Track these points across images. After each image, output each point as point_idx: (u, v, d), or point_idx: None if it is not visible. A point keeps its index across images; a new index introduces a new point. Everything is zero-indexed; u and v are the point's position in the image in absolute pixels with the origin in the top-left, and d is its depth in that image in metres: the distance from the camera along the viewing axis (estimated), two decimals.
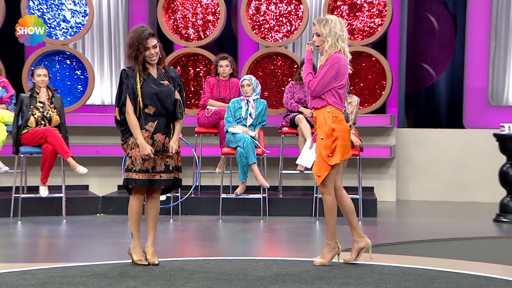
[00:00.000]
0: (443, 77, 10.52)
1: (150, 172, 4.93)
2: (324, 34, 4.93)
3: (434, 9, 10.44)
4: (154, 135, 4.93)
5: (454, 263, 5.23)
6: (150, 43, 4.87)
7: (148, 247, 5.02)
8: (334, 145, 4.90)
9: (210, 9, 9.08)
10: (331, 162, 4.91)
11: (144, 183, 4.93)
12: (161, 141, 4.95)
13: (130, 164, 4.92)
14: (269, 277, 4.63)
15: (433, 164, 9.10)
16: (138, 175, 4.91)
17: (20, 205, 7.38)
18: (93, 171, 8.51)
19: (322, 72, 4.91)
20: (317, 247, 6.18)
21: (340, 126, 4.92)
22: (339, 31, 4.92)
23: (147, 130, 4.92)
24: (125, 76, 4.89)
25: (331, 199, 4.97)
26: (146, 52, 4.87)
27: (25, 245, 6.37)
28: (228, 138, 7.65)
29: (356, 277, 4.62)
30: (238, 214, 7.70)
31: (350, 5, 8.93)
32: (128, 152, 4.94)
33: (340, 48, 4.92)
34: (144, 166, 4.90)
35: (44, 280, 4.51)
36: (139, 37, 4.85)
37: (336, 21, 4.95)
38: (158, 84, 4.93)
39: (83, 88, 9.04)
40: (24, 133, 7.40)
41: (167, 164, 4.98)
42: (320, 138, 4.93)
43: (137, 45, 4.85)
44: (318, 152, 4.94)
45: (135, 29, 4.93)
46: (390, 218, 7.83)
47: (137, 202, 4.98)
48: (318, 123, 4.97)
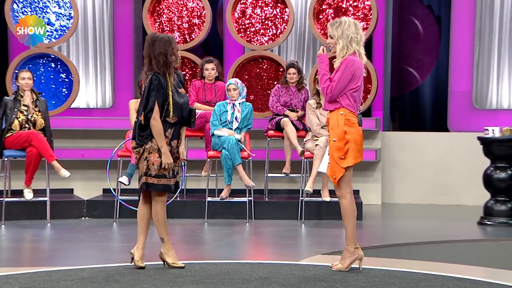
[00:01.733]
0: (428, 81, 10.57)
1: (167, 178, 4.95)
2: (336, 36, 4.89)
3: (419, 13, 10.50)
4: (171, 141, 4.97)
5: (438, 265, 5.24)
6: (176, 47, 4.96)
7: (138, 249, 5.02)
8: (346, 148, 4.86)
9: (196, 12, 9.08)
10: (343, 164, 4.87)
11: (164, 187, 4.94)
12: (175, 147, 5.00)
13: (146, 168, 4.92)
14: (254, 280, 4.62)
15: (418, 167, 9.14)
16: (153, 179, 4.91)
17: (4, 209, 7.33)
18: (78, 174, 8.47)
19: (338, 76, 4.85)
20: (303, 250, 6.19)
21: (352, 129, 4.87)
22: (352, 33, 4.86)
23: (166, 136, 4.94)
24: (158, 82, 4.88)
25: (346, 203, 4.90)
26: (174, 57, 4.93)
27: (9, 249, 6.32)
28: (214, 141, 7.64)
29: (341, 280, 4.63)
30: (224, 217, 7.70)
31: (335, 8, 8.96)
32: (146, 157, 4.92)
33: (354, 50, 4.87)
34: (160, 172, 4.91)
35: (28, 284, 4.48)
36: (172, 42, 4.90)
37: (350, 23, 4.89)
38: (178, 93, 5.00)
39: (67, 91, 9.00)
40: (8, 136, 7.35)
41: (174, 169, 5.02)
42: (332, 140, 4.91)
43: (171, 50, 4.88)
44: (331, 154, 4.92)
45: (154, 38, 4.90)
46: (375, 221, 7.85)
47: (161, 207, 4.99)
48: (331, 125, 4.93)
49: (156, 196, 4.97)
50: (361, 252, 4.94)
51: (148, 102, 4.88)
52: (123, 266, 5.04)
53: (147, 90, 4.89)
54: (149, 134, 4.91)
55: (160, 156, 4.91)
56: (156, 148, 4.91)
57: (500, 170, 7.44)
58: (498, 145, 7.45)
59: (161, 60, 4.88)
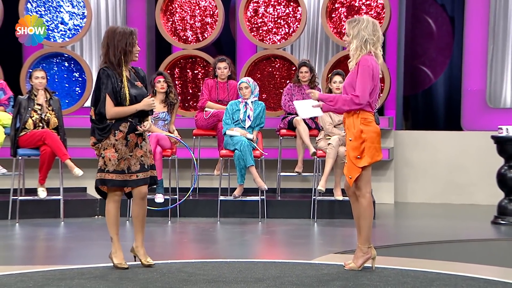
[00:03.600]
0: (441, 79, 10.53)
1: (126, 173, 4.89)
2: (351, 35, 4.84)
3: (432, 11, 10.45)
4: (127, 135, 4.89)
5: (452, 265, 5.22)
6: (136, 39, 4.88)
7: (138, 247, 5.00)
8: (362, 147, 4.81)
9: (208, 11, 9.09)
10: (359, 164, 4.82)
11: (120, 183, 4.88)
12: (133, 141, 4.91)
13: (103, 164, 4.87)
14: (267, 279, 4.62)
15: (431, 166, 9.11)
16: (112, 175, 4.86)
17: (18, 208, 7.37)
18: (91, 173, 8.44)
19: (359, 79, 4.77)
20: (315, 249, 6.19)
21: (368, 128, 4.82)
22: (368, 34, 4.79)
23: (121, 131, 4.87)
24: (106, 75, 4.81)
25: (365, 203, 4.85)
26: (134, 49, 4.87)
27: (23, 247, 6.36)
28: (226, 140, 7.65)
29: (354, 279, 4.62)
30: (236, 216, 7.70)
31: (348, 7, 8.94)
32: (101, 153, 4.87)
33: (369, 51, 4.81)
34: (119, 167, 4.86)
35: (41, 282, 4.50)
36: (129, 33, 4.83)
37: (368, 24, 4.81)
38: (134, 85, 4.92)
39: (81, 90, 9.03)
40: (22, 135, 7.39)
41: (142, 162, 4.93)
42: (348, 140, 4.88)
43: (128, 42, 4.81)
44: (347, 154, 4.89)
45: (115, 29, 4.85)
46: (388, 220, 7.83)
47: (113, 206, 4.94)
48: (347, 124, 4.89)
49: (110, 193, 4.91)
50: (374, 252, 4.93)
51: (98, 96, 4.83)
52: (136, 264, 5.05)
53: (95, 85, 4.85)
54: (107, 129, 4.84)
55: (116, 151, 4.83)
56: (111, 143, 4.84)
57: None
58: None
59: (119, 50, 4.80)
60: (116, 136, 4.86)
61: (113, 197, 4.94)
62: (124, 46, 4.82)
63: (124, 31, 4.84)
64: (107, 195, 4.98)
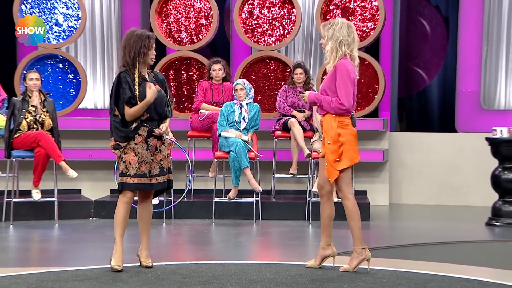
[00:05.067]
0: (436, 81, 10.55)
1: (147, 177, 4.93)
2: (326, 37, 4.90)
3: (427, 13, 10.48)
4: (147, 139, 4.94)
5: (446, 266, 5.23)
6: (153, 43, 4.94)
7: (142, 250, 5.04)
8: (340, 150, 4.87)
9: (203, 13, 9.09)
10: (339, 167, 4.88)
11: (142, 187, 4.92)
12: (154, 145, 4.97)
13: (124, 168, 4.92)
14: (262, 281, 4.62)
15: (426, 168, 9.12)
16: (133, 179, 4.90)
17: (12, 209, 7.35)
18: (86, 175, 8.49)
19: (341, 87, 4.83)
20: (310, 251, 6.19)
21: (346, 131, 4.88)
22: (342, 35, 4.84)
23: (140, 134, 4.93)
24: (124, 80, 4.87)
25: (350, 204, 4.91)
26: (150, 51, 4.92)
27: (17, 249, 6.34)
28: (221, 142, 7.65)
29: (349, 281, 4.62)
30: (231, 218, 7.70)
31: (342, 9, 8.95)
32: (122, 157, 4.92)
33: (344, 53, 4.86)
34: (140, 171, 4.91)
35: (35, 284, 4.49)
36: (145, 37, 4.90)
37: (343, 25, 4.87)
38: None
39: (75, 92, 9.02)
40: (16, 137, 7.38)
41: (162, 166, 5.00)
42: (327, 143, 4.92)
43: (143, 44, 4.87)
44: (326, 157, 4.92)
45: (133, 32, 4.94)
46: (383, 222, 7.84)
47: (125, 207, 4.95)
48: (325, 128, 4.94)
49: (123, 194, 4.93)
50: (369, 253, 4.94)
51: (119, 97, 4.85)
52: (130, 266, 5.05)
53: (115, 87, 4.86)
54: (125, 135, 4.87)
55: (136, 155, 4.88)
56: (130, 147, 4.89)
57: (509, 170, 7.42)
58: (506, 146, 7.43)
59: (134, 51, 4.85)
60: (135, 140, 4.91)
61: (124, 198, 4.95)
62: (138, 47, 4.87)
63: (141, 33, 4.92)
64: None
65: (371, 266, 4.98)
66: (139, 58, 4.89)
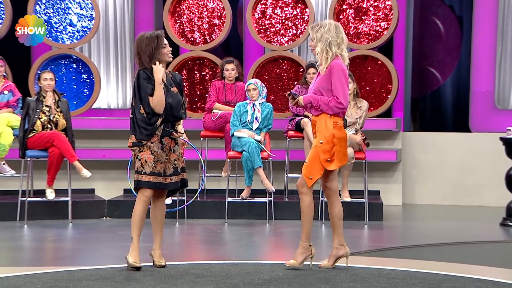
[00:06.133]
0: (449, 81, 10.50)
1: (162, 176, 4.95)
2: (315, 39, 4.94)
3: (440, 13, 10.43)
4: (162, 139, 4.97)
5: (460, 267, 5.21)
6: (165, 41, 4.99)
7: (155, 249, 5.05)
8: (333, 151, 4.90)
9: (216, 13, 9.10)
10: (329, 167, 4.92)
11: (157, 185, 4.95)
12: (168, 144, 4.99)
13: (140, 166, 4.94)
14: (275, 281, 4.62)
15: (439, 168, 9.08)
16: (148, 177, 4.92)
17: (26, 209, 7.39)
18: (99, 174, 8.53)
19: (338, 86, 4.86)
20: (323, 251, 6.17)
21: (339, 132, 4.93)
22: (331, 36, 4.89)
23: (156, 134, 4.95)
24: (146, 78, 4.90)
25: (309, 200, 4.99)
26: (164, 49, 4.93)
27: (31, 248, 6.38)
28: (234, 142, 7.65)
29: (362, 281, 4.61)
30: (244, 218, 7.70)
31: (356, 9, 8.93)
32: (137, 155, 4.94)
33: (335, 53, 4.90)
34: (156, 169, 4.92)
35: (50, 283, 4.52)
36: (157, 35, 4.94)
37: (331, 27, 4.92)
38: (169, 91, 4.98)
39: (89, 92, 9.06)
40: (31, 136, 7.42)
41: (175, 166, 5.02)
42: (319, 142, 4.93)
43: (157, 42, 4.90)
44: (316, 155, 4.93)
45: (142, 36, 4.97)
46: (396, 222, 7.81)
47: (143, 206, 4.97)
48: (318, 127, 4.96)
49: (140, 193, 4.94)
50: (348, 249, 5.00)
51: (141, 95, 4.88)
52: (144, 266, 5.06)
53: (137, 85, 4.89)
54: (151, 132, 4.89)
55: (152, 153, 4.90)
56: (146, 146, 4.91)
57: None
58: None
59: (147, 55, 4.89)
60: (151, 138, 4.93)
61: (142, 197, 4.96)
62: (151, 50, 4.91)
63: (150, 35, 4.95)
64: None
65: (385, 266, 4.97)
66: (154, 60, 4.92)
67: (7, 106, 7.97)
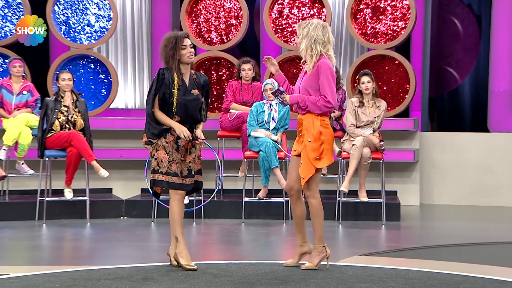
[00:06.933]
0: (468, 80, 10.43)
1: (178, 176, 4.96)
2: (301, 36, 4.95)
3: (459, 12, 10.37)
4: (178, 140, 4.97)
5: (479, 268, 5.17)
6: (186, 42, 4.97)
7: (173, 249, 5.05)
8: (321, 149, 4.92)
9: (233, 13, 9.11)
10: (318, 165, 4.93)
11: (174, 185, 4.94)
12: (185, 146, 4.99)
13: (156, 165, 4.95)
14: (292, 281, 4.62)
15: (458, 168, 9.03)
16: (164, 177, 4.91)
17: (45, 208, 7.45)
18: (117, 174, 8.57)
19: (326, 85, 4.88)
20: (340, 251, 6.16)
21: (327, 130, 4.95)
22: (317, 35, 4.90)
23: (172, 134, 4.96)
24: (162, 77, 4.90)
25: (317, 203, 4.98)
26: (183, 51, 4.93)
27: (50, 248, 6.43)
28: (251, 142, 7.65)
29: (379, 281, 4.60)
30: (261, 217, 7.70)
31: (373, 8, 8.90)
32: (153, 154, 4.95)
33: (319, 52, 4.91)
34: (171, 169, 4.93)
35: (68, 282, 4.55)
36: (176, 36, 4.94)
37: (318, 25, 4.93)
38: (189, 93, 4.97)
39: (107, 92, 9.11)
40: (49, 136, 7.47)
41: (190, 168, 5.02)
42: (307, 141, 4.93)
43: (175, 43, 4.91)
44: (305, 155, 4.93)
45: (164, 37, 4.99)
46: (414, 222, 7.77)
47: (177, 205, 4.95)
48: (305, 125, 4.95)
49: (172, 193, 4.96)
50: (329, 250, 5.02)
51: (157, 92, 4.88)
52: (161, 265, 5.08)
53: (155, 82, 4.90)
54: (159, 132, 4.89)
55: (167, 153, 4.91)
56: (161, 145, 4.91)
57: None
58: None
59: (168, 55, 4.90)
60: (166, 138, 4.94)
61: (175, 196, 4.97)
62: (168, 51, 4.92)
63: (169, 36, 4.96)
64: (159, 196, 5.07)
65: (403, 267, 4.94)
66: (173, 61, 4.92)
67: (26, 106, 8.03)
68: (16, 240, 6.63)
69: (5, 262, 5.67)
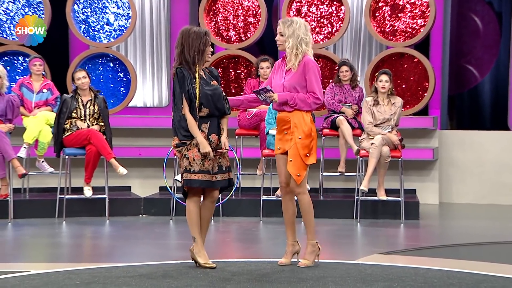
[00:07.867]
0: (488, 78, 10.35)
1: (210, 174, 4.90)
2: (286, 35, 4.97)
3: (479, 9, 10.28)
4: (209, 136, 4.92)
5: (500, 267, 5.13)
6: (210, 40, 4.96)
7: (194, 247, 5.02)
8: (311, 145, 4.96)
9: (251, 11, 9.11)
10: (308, 161, 4.96)
11: (206, 184, 4.88)
12: (215, 142, 4.94)
13: (188, 165, 4.86)
14: (310, 279, 4.61)
15: (477, 166, 8.96)
16: (198, 175, 4.86)
17: (64, 206, 7.50)
18: (136, 172, 8.60)
19: (314, 82, 4.92)
20: (359, 249, 6.15)
21: (313, 127, 5.02)
22: (302, 34, 4.95)
23: (202, 131, 4.89)
24: (182, 75, 4.85)
25: (308, 198, 5.03)
26: (207, 48, 4.92)
27: (70, 245, 6.47)
28: (269, 140, 7.65)
29: (399, 280, 4.58)
30: (279, 216, 7.65)
31: (392, 6, 8.85)
32: (185, 154, 4.88)
33: (304, 50, 4.95)
34: (204, 167, 4.87)
35: (88, 280, 4.58)
36: (206, 32, 4.92)
37: (301, 24, 4.99)
38: (209, 84, 4.94)
39: (125, 90, 9.15)
40: (68, 135, 7.52)
41: (220, 164, 4.96)
42: (298, 138, 4.93)
43: (202, 41, 4.87)
44: (296, 152, 4.93)
45: (189, 29, 4.90)
46: (433, 221, 7.73)
47: (195, 205, 4.92)
48: (295, 122, 4.94)
49: (191, 193, 4.92)
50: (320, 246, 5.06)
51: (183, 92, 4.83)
52: (180, 263, 5.10)
53: (179, 82, 4.84)
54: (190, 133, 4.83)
55: (199, 150, 4.85)
56: (194, 143, 4.86)
57: None
58: None
59: (194, 49, 4.84)
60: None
61: (194, 197, 4.93)
62: (198, 45, 4.87)
63: (199, 31, 4.92)
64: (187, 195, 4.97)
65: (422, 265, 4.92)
66: (198, 56, 4.88)
67: (46, 104, 8.09)
68: (36, 238, 6.69)
69: (26, 259, 5.72)
